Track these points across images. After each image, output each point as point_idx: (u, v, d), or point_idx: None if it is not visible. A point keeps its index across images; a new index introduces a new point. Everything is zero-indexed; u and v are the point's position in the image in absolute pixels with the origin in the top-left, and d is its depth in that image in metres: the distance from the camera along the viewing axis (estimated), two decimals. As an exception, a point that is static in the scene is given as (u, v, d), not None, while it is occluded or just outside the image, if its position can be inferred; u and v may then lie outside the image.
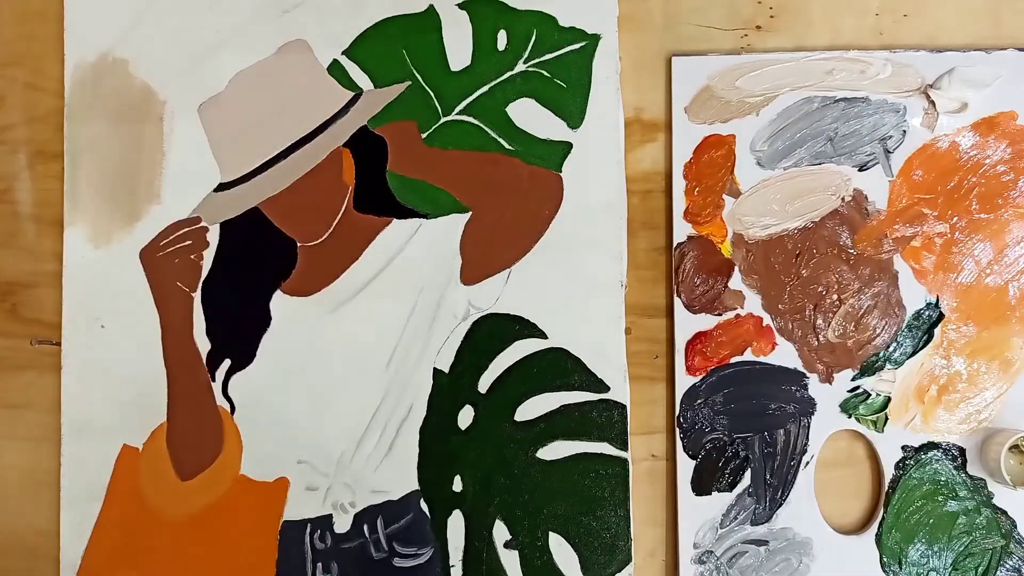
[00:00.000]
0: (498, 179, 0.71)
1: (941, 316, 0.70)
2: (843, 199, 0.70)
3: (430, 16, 0.71)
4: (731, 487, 0.70)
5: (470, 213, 0.71)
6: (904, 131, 0.71)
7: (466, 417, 0.70)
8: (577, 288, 0.70)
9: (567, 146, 0.71)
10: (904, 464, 0.70)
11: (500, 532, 0.70)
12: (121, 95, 0.71)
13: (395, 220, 0.71)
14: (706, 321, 0.70)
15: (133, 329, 0.70)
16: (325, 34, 0.71)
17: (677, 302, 0.70)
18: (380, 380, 0.70)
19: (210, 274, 0.71)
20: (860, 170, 0.71)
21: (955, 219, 0.71)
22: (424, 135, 0.71)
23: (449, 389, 0.70)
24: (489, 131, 0.71)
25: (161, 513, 0.70)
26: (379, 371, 0.70)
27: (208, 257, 0.71)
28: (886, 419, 0.70)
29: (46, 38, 0.72)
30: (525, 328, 0.70)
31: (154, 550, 0.70)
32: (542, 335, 0.70)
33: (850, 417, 0.70)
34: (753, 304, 0.70)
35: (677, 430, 0.70)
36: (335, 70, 0.71)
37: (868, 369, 0.70)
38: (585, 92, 0.71)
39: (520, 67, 0.71)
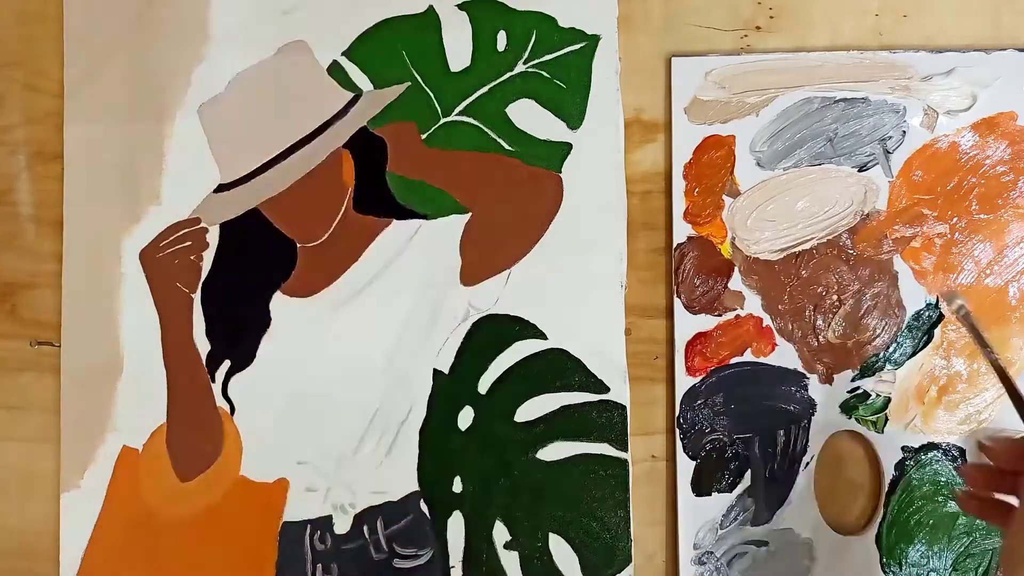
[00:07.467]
0: (498, 180, 0.71)
1: (941, 317, 0.70)
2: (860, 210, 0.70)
3: (430, 17, 0.71)
4: (731, 488, 0.70)
5: (470, 214, 0.71)
6: (904, 131, 0.71)
7: (466, 418, 0.70)
8: (577, 289, 0.70)
9: (567, 147, 0.71)
10: (904, 465, 0.70)
11: (500, 533, 0.70)
12: (120, 95, 0.71)
13: (395, 221, 0.71)
14: (706, 322, 0.70)
15: (133, 330, 0.70)
16: (325, 35, 0.71)
17: (677, 303, 0.70)
18: (380, 381, 0.70)
19: (210, 275, 0.71)
20: (860, 171, 0.71)
21: (955, 219, 0.71)
22: (424, 136, 0.71)
23: (449, 390, 0.70)
24: (489, 132, 0.71)
25: (161, 514, 0.70)
26: (379, 372, 0.70)
27: (208, 258, 0.71)
28: (886, 420, 0.70)
29: (46, 38, 0.72)
30: (525, 329, 0.70)
31: (154, 551, 0.70)
32: (542, 336, 0.70)
33: (850, 418, 0.70)
34: (753, 305, 0.70)
35: (677, 431, 0.70)
36: (335, 71, 0.71)
37: (868, 370, 0.70)
38: (585, 93, 0.71)
39: (520, 68, 0.71)
